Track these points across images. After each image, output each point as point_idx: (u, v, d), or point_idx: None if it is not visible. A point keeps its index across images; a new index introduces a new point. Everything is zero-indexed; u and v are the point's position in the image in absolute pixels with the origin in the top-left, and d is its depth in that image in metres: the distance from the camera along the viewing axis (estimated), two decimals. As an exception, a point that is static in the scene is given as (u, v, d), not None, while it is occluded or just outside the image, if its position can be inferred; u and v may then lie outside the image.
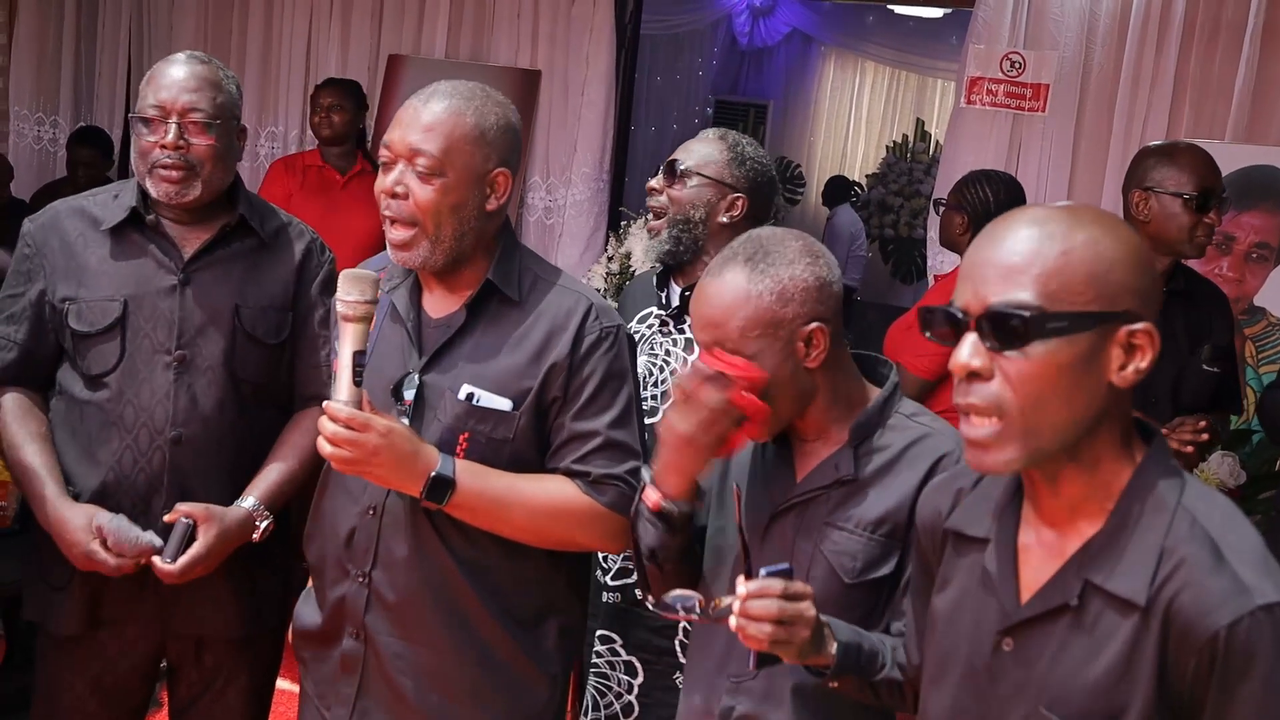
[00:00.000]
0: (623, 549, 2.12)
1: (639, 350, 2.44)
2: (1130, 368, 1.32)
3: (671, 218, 2.46)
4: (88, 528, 2.18)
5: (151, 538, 2.20)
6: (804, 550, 1.82)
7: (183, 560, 2.18)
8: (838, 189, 9.57)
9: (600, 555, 2.49)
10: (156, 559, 2.18)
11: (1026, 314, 1.28)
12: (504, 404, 1.97)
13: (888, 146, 10.66)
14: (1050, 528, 1.39)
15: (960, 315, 1.33)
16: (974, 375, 1.32)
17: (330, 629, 2.09)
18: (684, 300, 2.45)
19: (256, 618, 2.40)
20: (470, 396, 1.97)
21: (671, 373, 2.42)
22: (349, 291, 1.86)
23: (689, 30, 9.34)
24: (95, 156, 5.35)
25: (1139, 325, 1.31)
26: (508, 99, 2.06)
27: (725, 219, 2.45)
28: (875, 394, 1.87)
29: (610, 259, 4.13)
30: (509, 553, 2.00)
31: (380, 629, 2.02)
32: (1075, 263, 1.30)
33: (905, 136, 10.62)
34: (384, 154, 1.97)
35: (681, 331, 2.47)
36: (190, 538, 2.20)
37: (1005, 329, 1.29)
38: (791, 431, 1.88)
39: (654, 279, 2.54)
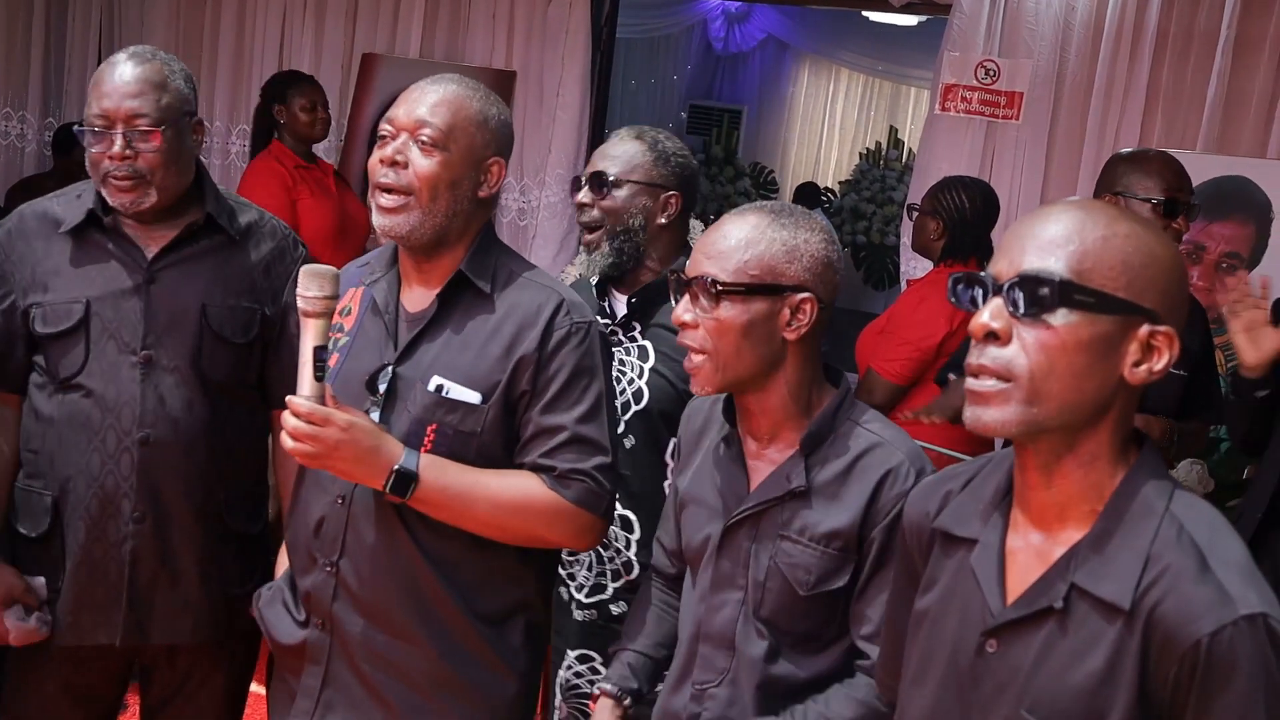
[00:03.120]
0: (589, 545, 2.12)
1: None
2: (1144, 367, 1.33)
3: (610, 229, 2.40)
4: (2, 602, 2.22)
5: (44, 629, 2.26)
6: (760, 561, 1.85)
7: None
8: (809, 195, 9.60)
9: (569, 574, 2.46)
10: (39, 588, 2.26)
11: (1055, 280, 1.30)
12: (473, 396, 1.96)
13: (861, 153, 10.70)
14: (1038, 529, 1.39)
15: (989, 281, 1.35)
16: (991, 338, 1.33)
17: (301, 618, 2.07)
18: (632, 307, 2.42)
19: (230, 622, 2.37)
20: (440, 388, 1.96)
21: (629, 382, 2.40)
22: (308, 287, 1.86)
23: (664, 35, 9.35)
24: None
25: (1162, 327, 1.32)
26: (503, 102, 2.07)
27: (663, 219, 2.42)
28: (827, 397, 1.89)
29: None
30: (477, 547, 1.98)
31: (346, 618, 2.01)
32: (1113, 249, 1.31)
33: (879, 143, 10.66)
34: (384, 129, 1.97)
35: (634, 339, 2.42)
36: None
37: (1031, 295, 1.31)
38: (745, 428, 1.90)
39: (591, 290, 2.48)
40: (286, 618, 2.09)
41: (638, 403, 2.38)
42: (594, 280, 2.46)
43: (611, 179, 2.39)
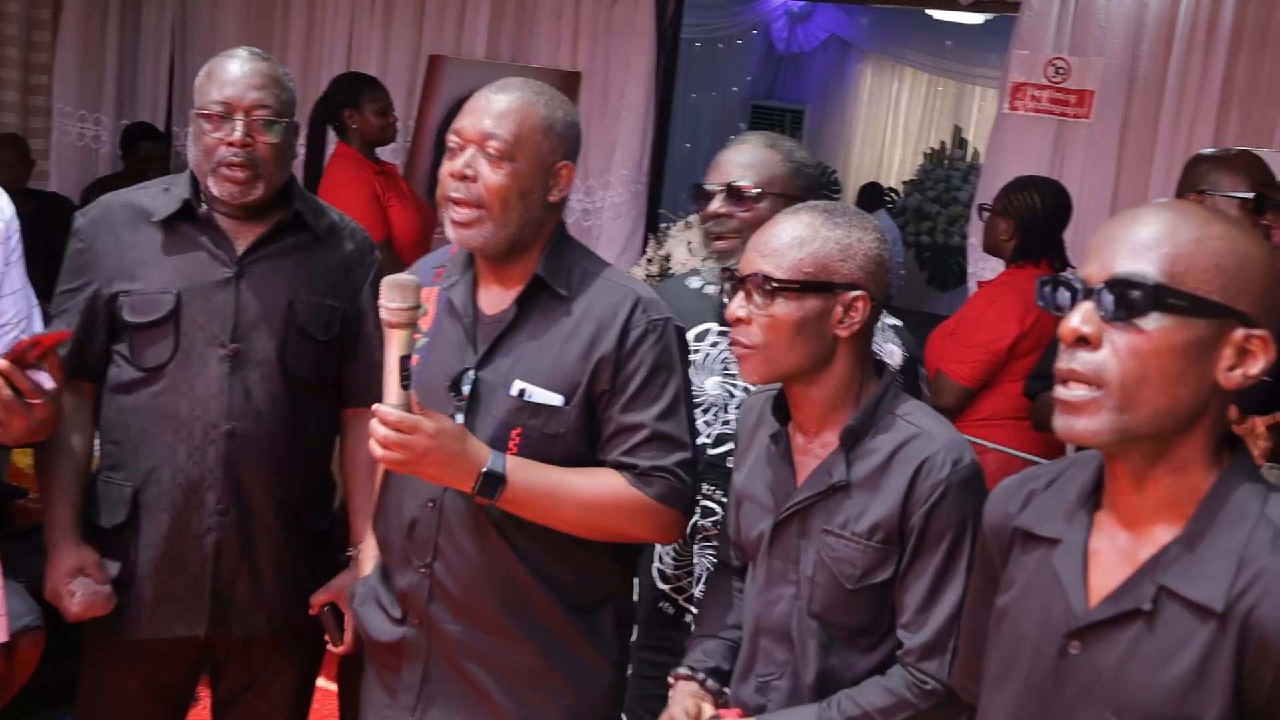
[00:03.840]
0: (671, 540, 2.16)
1: (706, 369, 2.38)
2: (1239, 371, 1.30)
3: (745, 239, 2.26)
4: (69, 572, 2.26)
5: (109, 593, 2.28)
6: (808, 556, 1.87)
7: (348, 635, 2.34)
8: (873, 196, 9.54)
9: (677, 586, 2.45)
10: (111, 564, 2.30)
11: (1148, 283, 1.28)
12: (555, 399, 1.98)
13: (925, 153, 10.62)
14: (1126, 531, 1.38)
15: (1079, 285, 1.34)
16: (1081, 342, 1.32)
17: (397, 616, 2.11)
18: None
19: (304, 616, 2.40)
20: (521, 392, 1.98)
21: (744, 390, 2.35)
22: (392, 298, 1.88)
23: (726, 35, 9.33)
24: (159, 151, 5.44)
25: (1257, 331, 1.30)
26: (569, 100, 2.09)
27: None
28: (870, 389, 1.90)
29: (650, 261, 4.12)
30: (568, 543, 2.01)
31: (443, 618, 2.04)
32: (1206, 251, 1.29)
33: (943, 143, 10.57)
34: (452, 140, 1.99)
35: None
36: (338, 614, 2.37)
37: (1123, 298, 1.29)
38: (794, 423, 1.92)
39: (713, 293, 2.41)
40: (381, 615, 2.12)
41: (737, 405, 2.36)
42: (711, 290, 2.40)
43: (755, 191, 2.33)
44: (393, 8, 5.47)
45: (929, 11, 8.27)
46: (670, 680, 2.06)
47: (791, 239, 1.85)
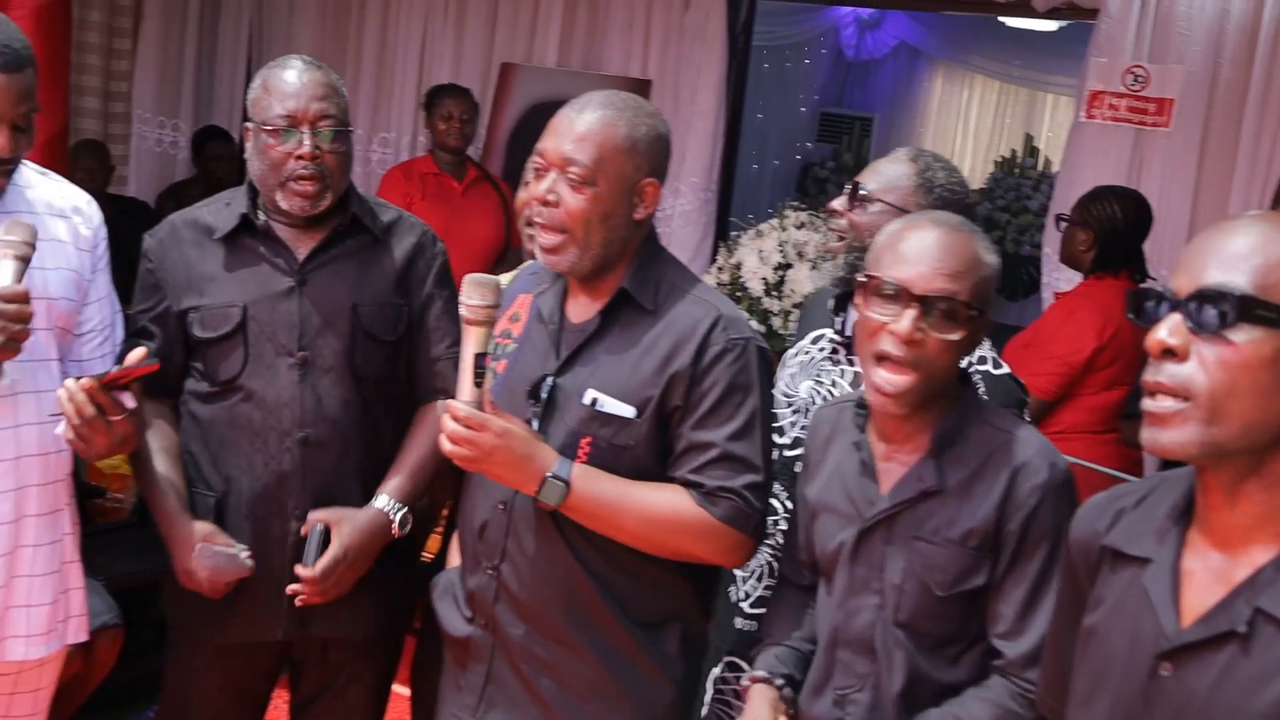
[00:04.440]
0: (737, 564, 2.12)
1: (806, 373, 2.37)
2: None
3: (850, 243, 2.32)
4: (193, 545, 2.26)
5: (245, 559, 2.26)
6: (895, 564, 1.85)
7: (321, 562, 2.24)
8: (943, 204, 9.42)
9: (739, 579, 2.44)
10: (299, 567, 2.25)
11: (1236, 294, 1.26)
12: (627, 410, 1.98)
13: (996, 161, 10.50)
14: (1219, 550, 1.35)
15: (1168, 296, 1.32)
16: (1168, 354, 1.30)
17: (467, 615, 2.13)
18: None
19: (384, 619, 2.42)
20: (594, 401, 1.99)
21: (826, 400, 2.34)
22: (471, 296, 1.91)
23: (795, 42, 9.29)
24: (228, 151, 5.56)
25: None
26: (657, 109, 2.07)
27: None
28: (960, 396, 1.89)
29: (720, 269, 4.11)
30: (633, 557, 2.01)
31: (507, 620, 2.06)
32: None
33: (1014, 151, 10.44)
34: (536, 161, 2.00)
35: (851, 364, 2.33)
36: (326, 541, 2.25)
37: (1211, 309, 1.27)
38: (877, 432, 1.90)
39: (828, 303, 2.41)
40: (456, 612, 2.15)
41: None
42: (836, 293, 2.39)
43: (864, 193, 2.30)
44: (465, 16, 5.51)
45: (1001, 18, 8.17)
46: (744, 684, 2.04)
47: (967, 260, 1.82)
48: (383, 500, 2.32)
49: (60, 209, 2.23)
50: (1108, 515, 1.49)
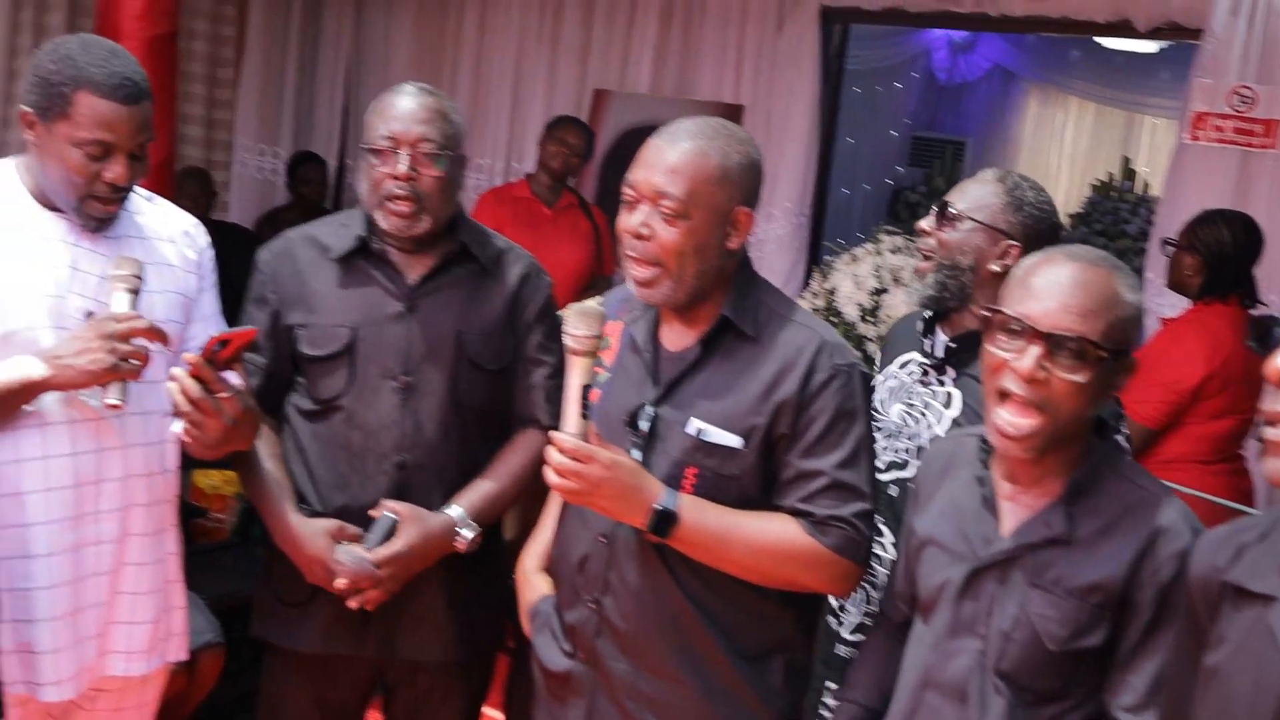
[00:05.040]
0: (845, 592, 2.08)
1: (896, 397, 2.35)
2: None
3: (938, 262, 2.32)
4: (323, 543, 2.26)
5: (368, 561, 2.25)
6: (1006, 609, 1.75)
7: (381, 551, 2.24)
8: (1038, 228, 9.27)
9: (836, 605, 2.42)
10: (357, 547, 2.25)
11: None
12: (733, 440, 1.95)
13: (1092, 185, 10.32)
14: None
15: None
16: None
17: (566, 650, 2.11)
18: (949, 351, 2.32)
19: (474, 644, 2.42)
20: (699, 432, 1.96)
21: (927, 427, 2.30)
22: (577, 326, 1.90)
23: (887, 65, 9.22)
24: (320, 174, 5.67)
25: None
26: (749, 135, 2.04)
27: (996, 267, 2.27)
28: (1096, 445, 1.78)
29: (814, 295, 4.07)
30: (738, 587, 1.98)
31: (609, 654, 2.03)
32: None
33: (1110, 175, 10.26)
34: (627, 193, 1.98)
35: (943, 384, 2.33)
36: (391, 534, 2.25)
37: None
38: (1004, 470, 1.81)
39: (919, 323, 2.41)
40: (553, 645, 2.13)
41: None
42: (926, 315, 2.39)
43: (954, 211, 2.30)
44: (559, 42, 5.56)
45: (1098, 39, 8.04)
46: None
47: (1102, 298, 1.71)
48: (455, 511, 2.32)
49: (168, 233, 2.28)
50: (1228, 550, 1.44)
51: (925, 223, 2.36)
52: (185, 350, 2.26)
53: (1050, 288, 1.72)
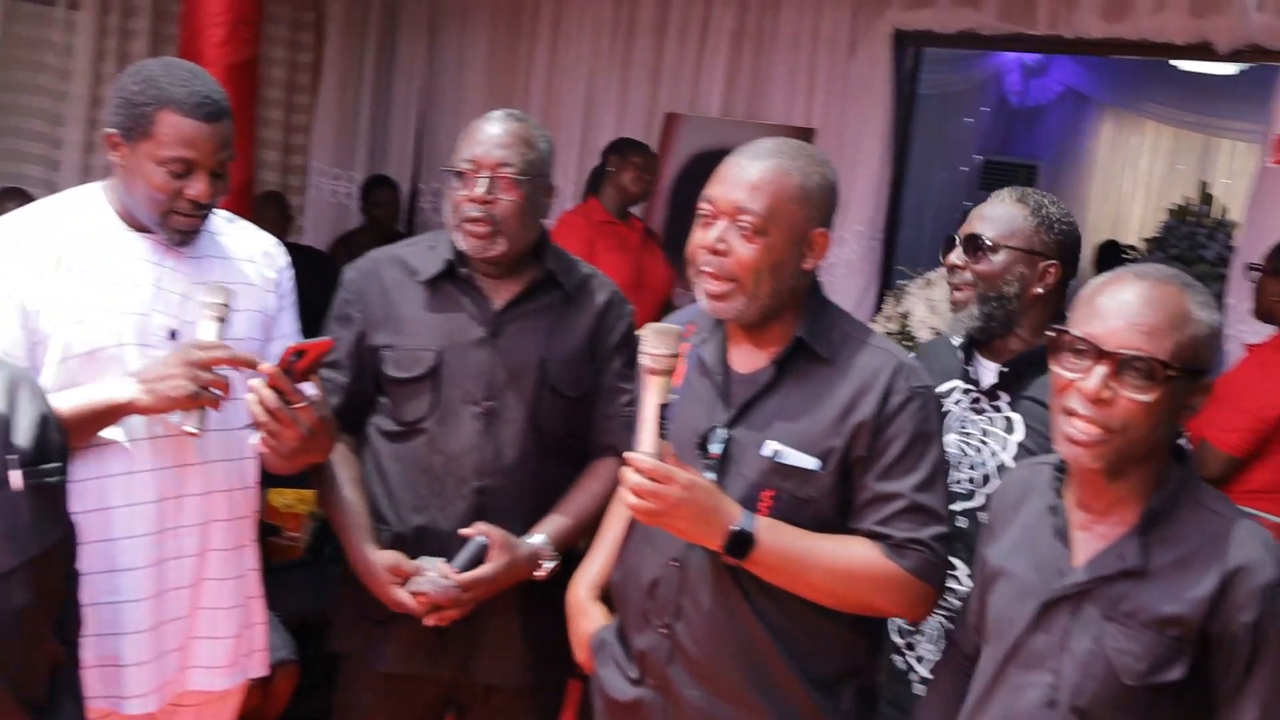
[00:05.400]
0: (921, 616, 2.06)
1: (948, 427, 2.31)
2: None
3: (980, 293, 2.28)
4: (388, 574, 2.28)
5: (451, 584, 2.26)
6: (1080, 643, 1.70)
7: (468, 576, 2.25)
8: (1111, 253, 9.16)
9: (903, 642, 2.36)
10: (445, 564, 2.26)
11: None
12: (810, 462, 1.94)
13: (1169, 209, 10.16)
14: None
15: None
16: None
17: (634, 676, 2.10)
18: (1003, 377, 2.29)
19: (547, 667, 2.42)
20: (776, 454, 1.95)
21: (991, 454, 2.28)
22: (654, 345, 1.89)
23: (958, 89, 9.16)
24: (392, 197, 5.75)
25: None
26: (827, 157, 2.04)
27: (1039, 289, 2.27)
28: (1171, 473, 1.73)
29: (888, 319, 4.05)
30: (812, 612, 1.96)
31: (681, 680, 2.02)
32: None
33: (1187, 199, 10.09)
34: (704, 209, 1.98)
35: (999, 410, 2.30)
36: (480, 558, 2.26)
37: None
38: (1077, 499, 1.77)
39: (958, 352, 2.38)
40: (618, 674, 2.12)
41: (1000, 477, 2.26)
42: (957, 342, 2.37)
43: (989, 243, 2.27)
44: (630, 66, 5.58)
45: (1174, 62, 7.93)
46: None
47: (1170, 316, 1.67)
48: (540, 539, 2.33)
49: (248, 253, 2.32)
50: None
51: (955, 257, 2.31)
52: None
53: (1117, 306, 1.68)
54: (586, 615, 2.26)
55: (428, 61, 6.22)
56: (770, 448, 1.95)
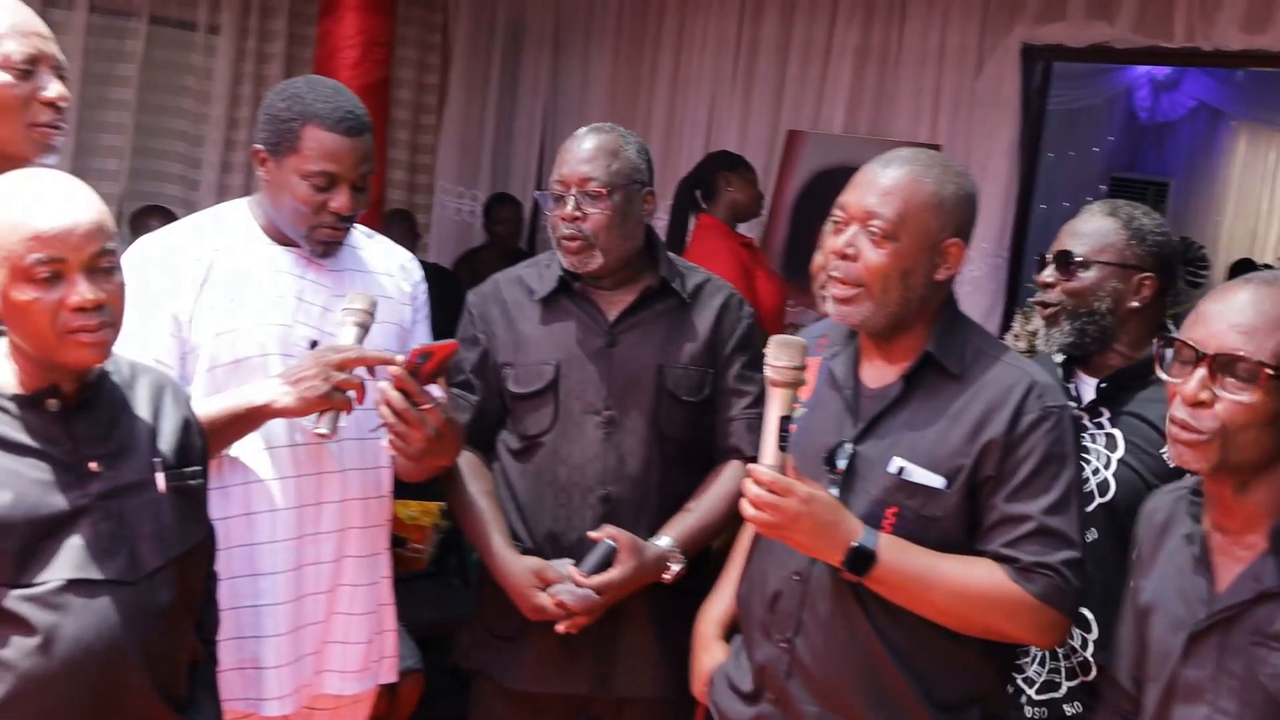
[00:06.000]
0: (1050, 644, 2.01)
1: None
2: None
3: (1071, 309, 2.27)
4: (532, 578, 2.29)
5: (587, 593, 2.26)
6: (1233, 673, 1.65)
7: (598, 579, 2.25)
8: (1245, 271, 8.88)
9: (1016, 665, 2.32)
10: (573, 568, 2.27)
11: None
12: (936, 480, 1.92)
13: (1308, 227, 9.81)
14: None
15: None
16: None
17: (750, 691, 2.09)
18: (1102, 393, 2.27)
19: (681, 679, 2.42)
20: (901, 470, 1.93)
21: (1094, 472, 2.24)
22: (779, 357, 1.89)
23: (1086, 105, 8.98)
24: (514, 214, 5.83)
25: None
26: (966, 170, 2.02)
27: (1136, 303, 2.26)
28: None
29: (1016, 337, 3.97)
30: (937, 633, 1.93)
31: (800, 696, 2.00)
32: None
33: (1326, 216, 9.74)
34: (837, 215, 1.99)
35: (1101, 427, 2.27)
36: (608, 561, 2.26)
37: None
38: (1214, 521, 1.73)
39: (1057, 369, 2.35)
40: (733, 697, 2.11)
41: (1102, 495, 2.23)
42: (1057, 360, 2.34)
43: (1079, 259, 2.26)
44: (753, 84, 5.58)
45: (1316, 75, 7.67)
46: None
47: (1272, 318, 1.64)
48: (665, 541, 2.33)
49: (385, 267, 2.38)
50: None
51: (1047, 275, 2.29)
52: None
53: (1220, 311, 1.67)
54: (708, 651, 2.27)
55: (551, 80, 6.30)
56: (896, 464, 1.93)
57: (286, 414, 2.10)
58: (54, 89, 2.05)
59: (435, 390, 2.16)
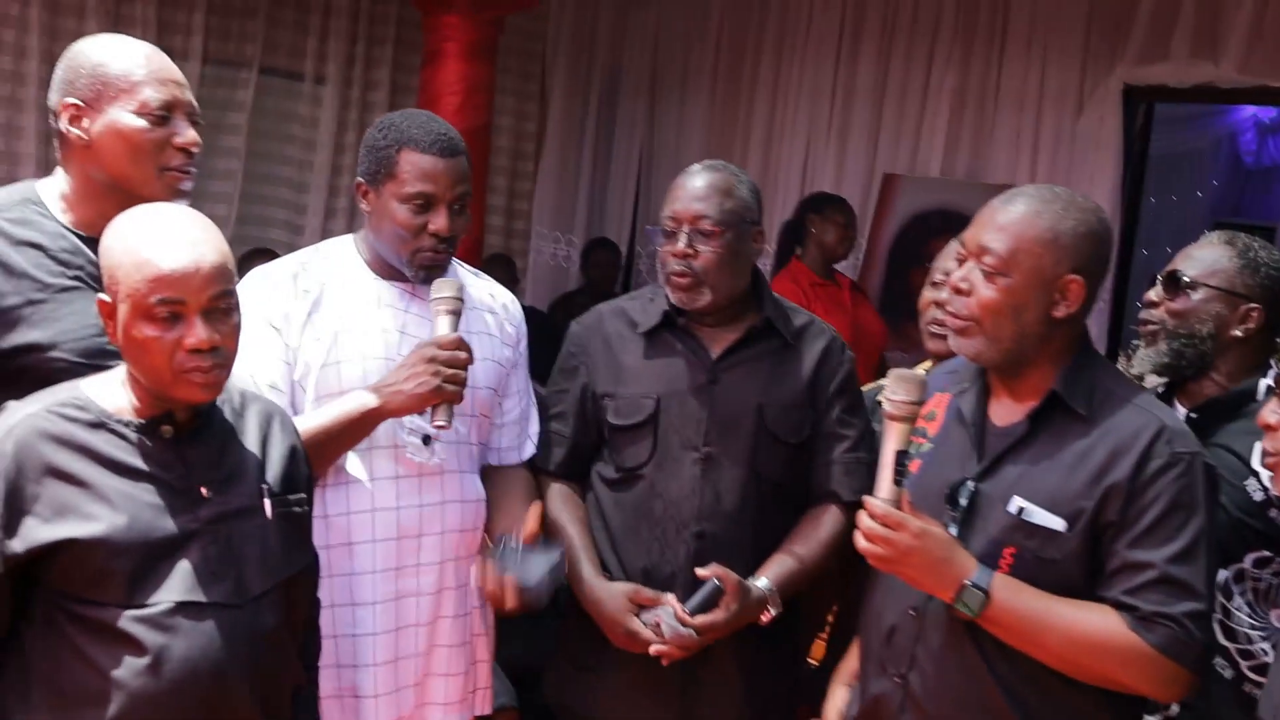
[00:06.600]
0: (1173, 698, 1.95)
1: None
2: None
3: (1173, 330, 2.24)
4: (622, 604, 2.29)
5: (689, 631, 2.25)
6: None
7: (702, 619, 2.24)
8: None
9: None
10: (678, 605, 2.25)
11: None
12: (1057, 523, 1.88)
13: None
14: None
15: None
16: None
17: None
18: (1192, 423, 2.20)
19: (767, 711, 2.40)
20: (1021, 511, 1.90)
21: None
22: (896, 391, 1.89)
23: (1188, 149, 8.82)
24: (611, 259, 5.88)
25: None
26: (1098, 206, 1.99)
27: (1239, 332, 2.21)
28: None
29: (1121, 381, 3.90)
30: (1052, 678, 1.89)
31: None
32: None
33: None
34: (959, 252, 2.00)
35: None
36: (714, 601, 2.24)
37: None
38: None
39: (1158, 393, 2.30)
40: None
41: None
42: (1151, 383, 2.30)
43: (1187, 280, 2.24)
44: (849, 128, 5.58)
45: None
46: None
47: None
48: (766, 585, 2.31)
49: (489, 305, 2.41)
50: None
51: (1153, 293, 2.28)
52: (498, 423, 2.40)
53: None
54: (832, 701, 2.25)
55: (647, 126, 6.36)
56: (1016, 504, 1.90)
57: (401, 412, 2.14)
58: (187, 135, 2.13)
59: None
